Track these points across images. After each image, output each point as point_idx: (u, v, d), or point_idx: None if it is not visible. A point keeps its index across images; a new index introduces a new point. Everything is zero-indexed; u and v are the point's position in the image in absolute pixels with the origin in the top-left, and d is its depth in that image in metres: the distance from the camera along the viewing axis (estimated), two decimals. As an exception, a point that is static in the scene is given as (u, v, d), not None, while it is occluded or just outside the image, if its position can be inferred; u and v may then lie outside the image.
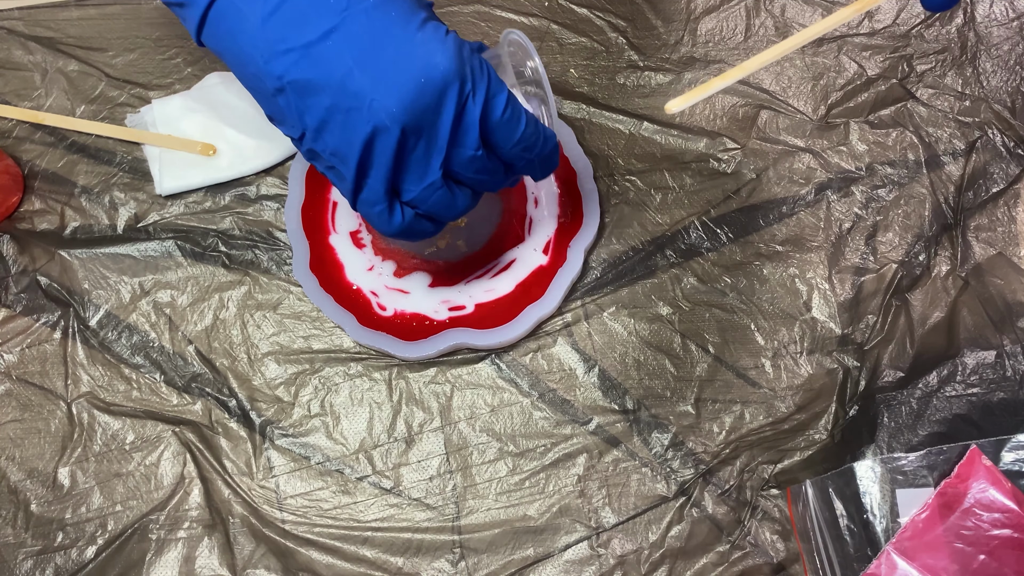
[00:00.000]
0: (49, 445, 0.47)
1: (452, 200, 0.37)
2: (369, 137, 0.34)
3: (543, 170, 0.41)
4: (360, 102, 0.33)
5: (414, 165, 0.35)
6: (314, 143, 0.35)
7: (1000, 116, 0.54)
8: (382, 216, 0.37)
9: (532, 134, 0.38)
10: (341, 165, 0.35)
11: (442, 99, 0.34)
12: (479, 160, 0.36)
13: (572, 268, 0.49)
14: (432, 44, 0.34)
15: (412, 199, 0.37)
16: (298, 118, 0.35)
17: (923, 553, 0.38)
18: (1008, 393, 0.47)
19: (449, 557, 0.45)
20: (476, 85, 0.35)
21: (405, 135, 0.34)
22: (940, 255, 0.51)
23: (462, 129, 0.35)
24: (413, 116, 0.34)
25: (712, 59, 0.56)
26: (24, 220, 0.52)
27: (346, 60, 0.33)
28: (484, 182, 0.38)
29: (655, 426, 0.48)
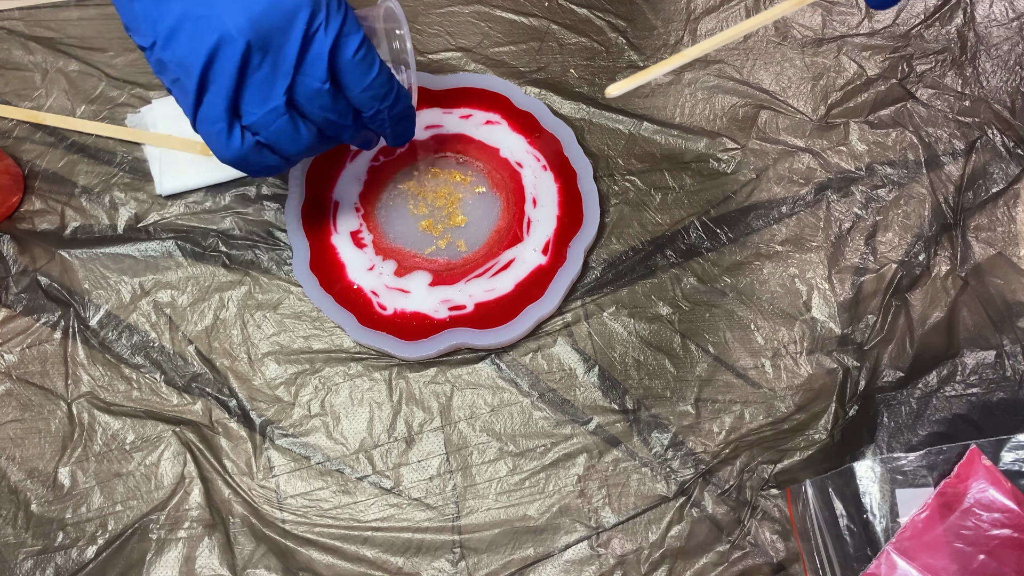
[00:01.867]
0: (49, 445, 0.47)
1: (295, 132, 0.37)
2: (214, 47, 0.34)
3: (395, 133, 0.41)
4: (210, 11, 0.34)
5: (257, 85, 0.36)
6: (163, 52, 0.35)
7: (1000, 116, 0.54)
8: (220, 136, 0.37)
9: (383, 84, 0.38)
10: (185, 76, 0.35)
11: (291, 21, 0.34)
12: (325, 95, 0.37)
13: (572, 268, 0.49)
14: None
15: (253, 123, 0.37)
16: (151, 25, 0.35)
17: (923, 553, 0.38)
18: (1008, 393, 0.47)
19: (449, 557, 0.45)
20: (330, 18, 0.35)
21: (250, 50, 0.34)
22: (940, 255, 0.51)
23: (309, 58, 0.35)
24: (260, 32, 0.34)
25: (712, 59, 0.56)
26: (24, 220, 0.52)
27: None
28: (331, 123, 0.38)
29: (655, 426, 0.48)
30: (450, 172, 0.52)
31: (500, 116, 0.53)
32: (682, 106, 0.55)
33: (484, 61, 0.56)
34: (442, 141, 0.53)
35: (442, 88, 0.54)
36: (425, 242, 0.50)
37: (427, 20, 0.57)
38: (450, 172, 0.52)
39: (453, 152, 0.53)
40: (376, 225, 0.51)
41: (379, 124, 0.41)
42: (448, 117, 0.53)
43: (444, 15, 0.57)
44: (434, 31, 0.57)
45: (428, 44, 0.57)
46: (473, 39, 0.57)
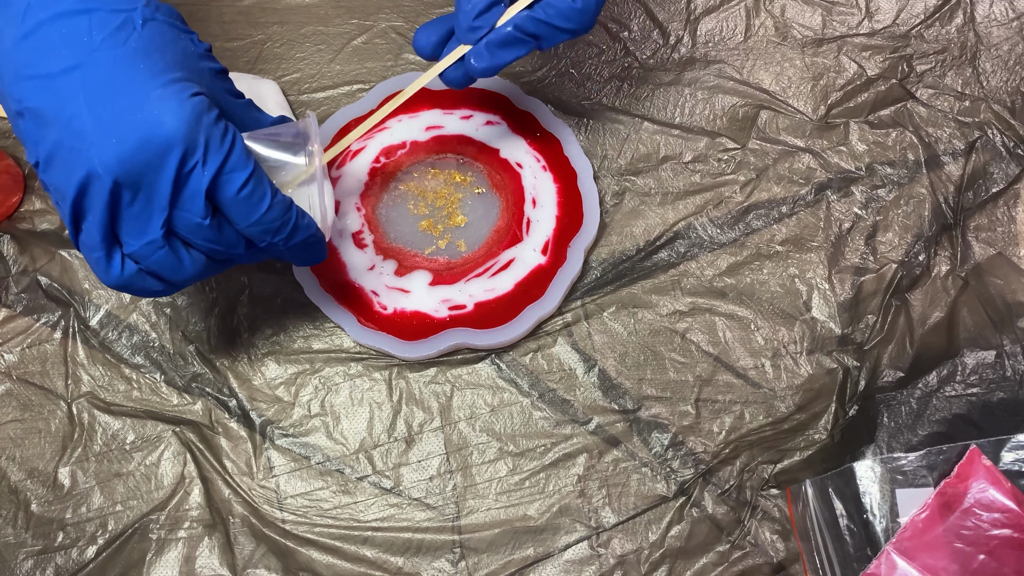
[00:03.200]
0: (49, 445, 0.47)
1: (178, 261, 0.37)
2: (83, 181, 0.33)
3: (297, 258, 0.40)
4: (81, 144, 0.33)
5: (132, 220, 0.35)
6: (44, 174, 0.35)
7: (1000, 116, 0.54)
8: (99, 264, 0.36)
9: (276, 219, 0.37)
10: (62, 202, 0.35)
11: (163, 159, 0.33)
12: (207, 229, 0.36)
13: (572, 268, 0.49)
14: (167, 104, 0.33)
15: (132, 253, 0.36)
16: (34, 146, 0.34)
17: (923, 553, 0.38)
18: (1008, 393, 0.47)
19: (449, 557, 0.45)
20: (208, 154, 0.34)
21: (119, 187, 0.34)
22: (940, 255, 0.51)
23: (185, 195, 0.35)
24: (128, 170, 0.33)
25: (712, 59, 0.56)
26: (25, 220, 0.52)
27: (79, 99, 0.33)
28: (218, 251, 0.37)
29: (655, 426, 0.48)
30: (450, 173, 0.52)
31: (500, 117, 0.53)
32: (682, 106, 0.55)
33: (484, 61, 0.56)
34: (443, 142, 0.53)
35: (442, 88, 0.54)
36: (425, 242, 0.50)
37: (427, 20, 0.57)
38: (450, 173, 0.52)
39: (453, 153, 0.53)
40: (377, 225, 0.51)
41: (276, 253, 0.40)
42: (448, 118, 0.53)
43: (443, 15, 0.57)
44: (434, 31, 0.57)
45: (428, 44, 0.57)
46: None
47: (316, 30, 0.57)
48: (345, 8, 0.58)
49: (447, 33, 0.44)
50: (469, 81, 0.43)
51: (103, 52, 0.34)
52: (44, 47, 0.34)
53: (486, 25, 0.41)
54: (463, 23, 0.41)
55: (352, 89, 0.56)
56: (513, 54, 0.42)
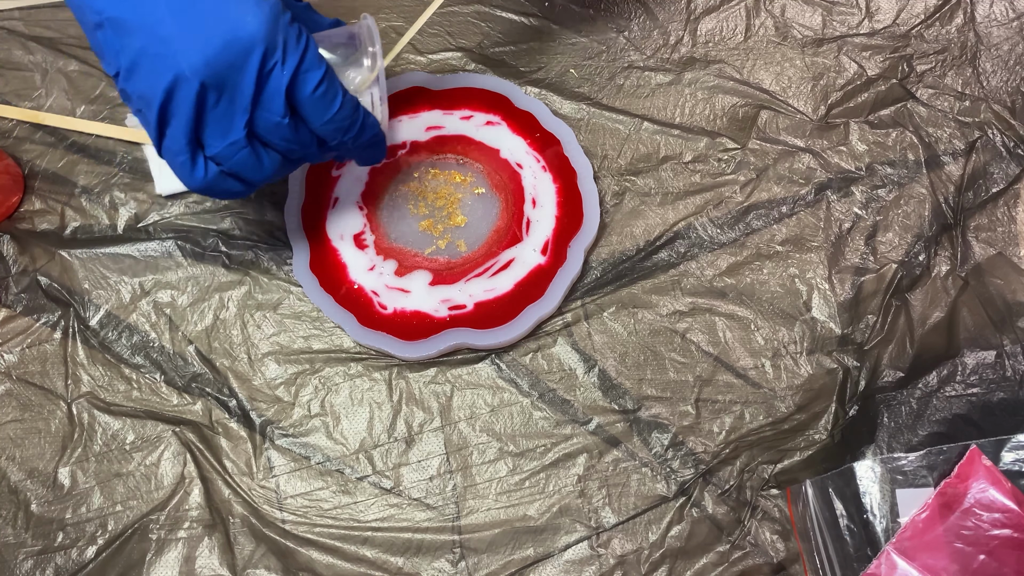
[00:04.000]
0: (49, 445, 0.47)
1: (258, 161, 0.38)
2: (170, 85, 0.34)
3: (362, 157, 0.42)
4: (166, 49, 0.34)
5: (216, 121, 0.36)
6: (126, 83, 0.36)
7: (1000, 116, 0.54)
8: (184, 167, 0.37)
9: (347, 116, 0.38)
10: (146, 109, 0.36)
11: (246, 59, 0.34)
12: (285, 128, 0.37)
13: (572, 268, 0.49)
14: (246, 4, 0.34)
15: (215, 155, 0.37)
16: (114, 56, 0.35)
17: (923, 553, 0.38)
18: (1008, 393, 0.47)
19: (449, 557, 0.45)
20: (287, 55, 0.35)
21: (205, 89, 0.34)
22: (940, 255, 0.51)
23: (266, 94, 0.36)
24: (214, 71, 0.34)
25: (712, 59, 0.56)
26: (24, 220, 0.52)
27: (160, 6, 0.34)
28: (294, 150, 0.39)
29: (655, 426, 0.48)
30: (450, 173, 0.52)
31: (500, 117, 0.53)
32: (682, 106, 0.55)
33: (484, 61, 0.56)
34: (443, 142, 0.53)
35: (442, 88, 0.54)
36: (425, 242, 0.50)
37: (427, 20, 0.57)
38: (450, 173, 0.52)
39: (454, 153, 0.53)
40: (378, 225, 0.51)
41: (344, 152, 0.41)
42: (449, 118, 0.53)
43: (444, 15, 0.57)
44: (434, 31, 0.57)
45: (428, 44, 0.57)
46: (473, 39, 0.57)
47: (316, 30, 0.57)
48: (345, 8, 0.58)
49: None
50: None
51: None
52: None
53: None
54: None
55: (352, 89, 0.56)
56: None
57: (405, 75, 0.55)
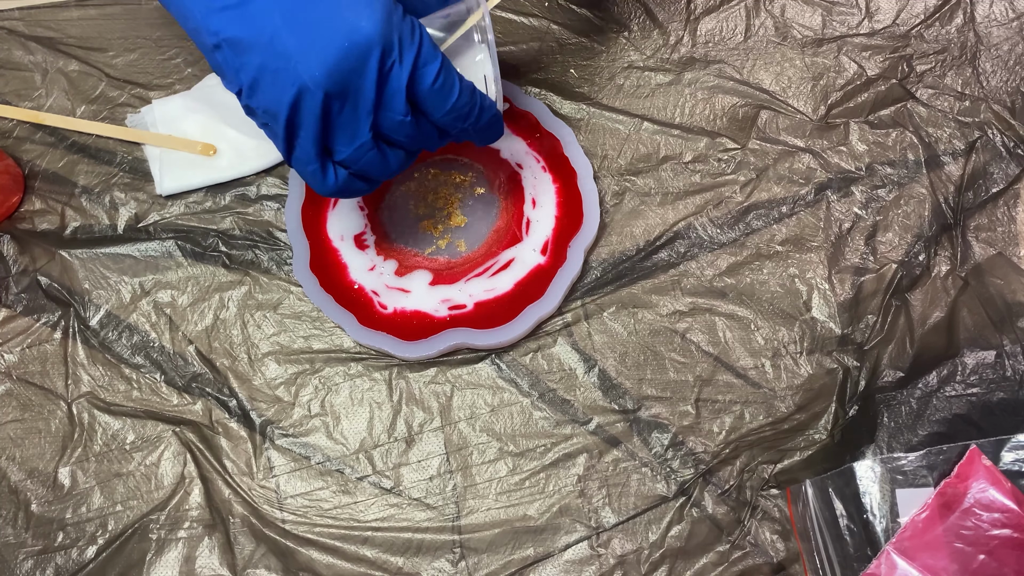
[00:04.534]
0: (49, 445, 0.47)
1: (384, 160, 0.38)
2: (295, 98, 0.35)
3: (481, 139, 0.42)
4: (286, 63, 0.34)
5: (343, 127, 0.36)
6: (249, 99, 0.36)
7: (1000, 116, 0.54)
8: (315, 176, 0.38)
9: (466, 104, 0.38)
10: (273, 123, 0.36)
11: (365, 63, 0.34)
12: (408, 125, 0.37)
13: (572, 268, 0.49)
14: (359, 7, 0.34)
15: (344, 159, 0.37)
16: (235, 74, 0.35)
17: (923, 553, 0.38)
18: (1008, 393, 0.47)
19: (449, 557, 0.45)
20: (404, 51, 0.35)
21: (329, 98, 0.35)
22: (940, 255, 0.51)
23: (387, 94, 0.36)
24: (336, 80, 0.34)
25: (712, 59, 0.56)
26: (24, 220, 0.52)
27: (275, 20, 0.34)
28: (416, 144, 0.39)
29: (655, 426, 0.48)
30: (450, 173, 0.52)
31: (500, 116, 0.53)
32: (682, 106, 0.55)
33: (484, 61, 0.56)
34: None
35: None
36: (425, 242, 0.51)
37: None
38: (450, 173, 0.52)
39: (454, 154, 0.53)
40: (379, 225, 0.51)
41: (463, 136, 0.41)
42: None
43: (444, 15, 0.57)
44: (434, 31, 0.57)
45: (428, 44, 0.57)
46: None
47: (316, 30, 0.57)
48: None
49: None
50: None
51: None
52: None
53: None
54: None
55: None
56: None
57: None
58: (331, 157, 0.38)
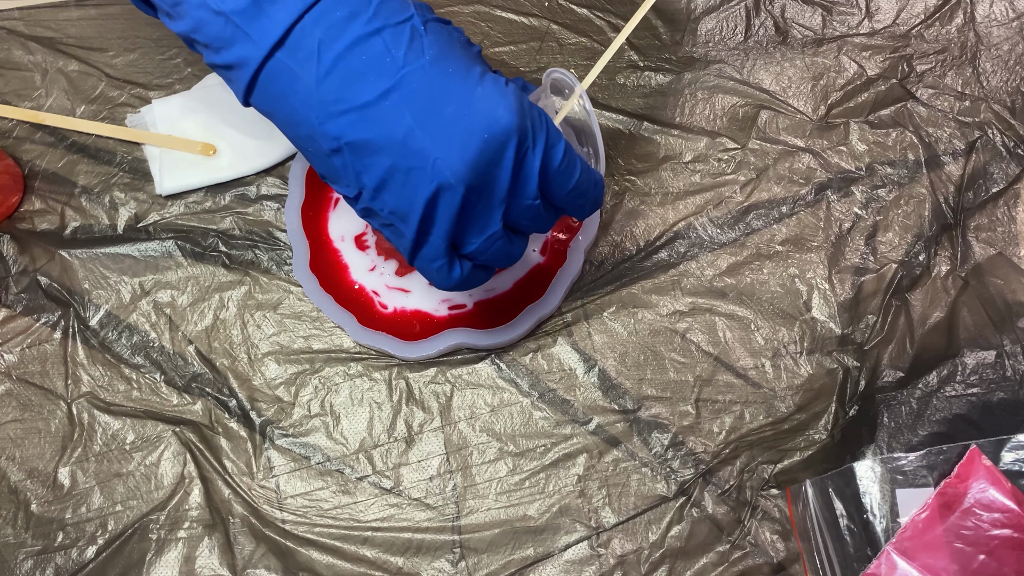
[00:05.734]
0: (49, 445, 0.47)
1: (510, 247, 0.37)
2: (433, 195, 0.33)
3: (590, 211, 0.41)
4: (423, 161, 0.33)
5: (476, 219, 0.35)
6: (372, 202, 0.35)
7: (1000, 116, 0.54)
8: (442, 271, 0.36)
9: (585, 180, 0.38)
10: (401, 223, 0.35)
11: (503, 153, 0.33)
12: (535, 208, 0.36)
13: (572, 268, 0.49)
14: (494, 99, 0.33)
15: (472, 251, 0.36)
16: (355, 178, 0.34)
17: (923, 553, 0.38)
18: (1008, 393, 0.47)
19: (449, 557, 0.45)
20: (536, 136, 0.34)
21: (469, 192, 0.33)
22: (940, 255, 0.51)
23: (521, 180, 0.35)
24: (477, 173, 0.33)
25: (712, 59, 0.56)
26: (24, 220, 0.52)
27: (406, 119, 0.33)
28: (538, 227, 0.38)
29: (655, 426, 0.48)
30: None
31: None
32: (682, 106, 0.55)
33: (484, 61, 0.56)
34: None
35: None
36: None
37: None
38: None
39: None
40: (376, 225, 0.51)
41: (576, 212, 0.40)
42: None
43: (444, 15, 0.57)
44: (434, 31, 0.57)
45: (428, 44, 0.57)
46: (473, 39, 0.57)
47: (316, 30, 0.57)
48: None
49: None
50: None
51: (410, 67, 0.33)
52: (351, 78, 0.33)
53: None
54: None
55: (352, 89, 0.56)
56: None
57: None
58: (459, 251, 0.36)
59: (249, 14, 0.33)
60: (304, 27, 0.33)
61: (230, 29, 0.33)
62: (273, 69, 0.33)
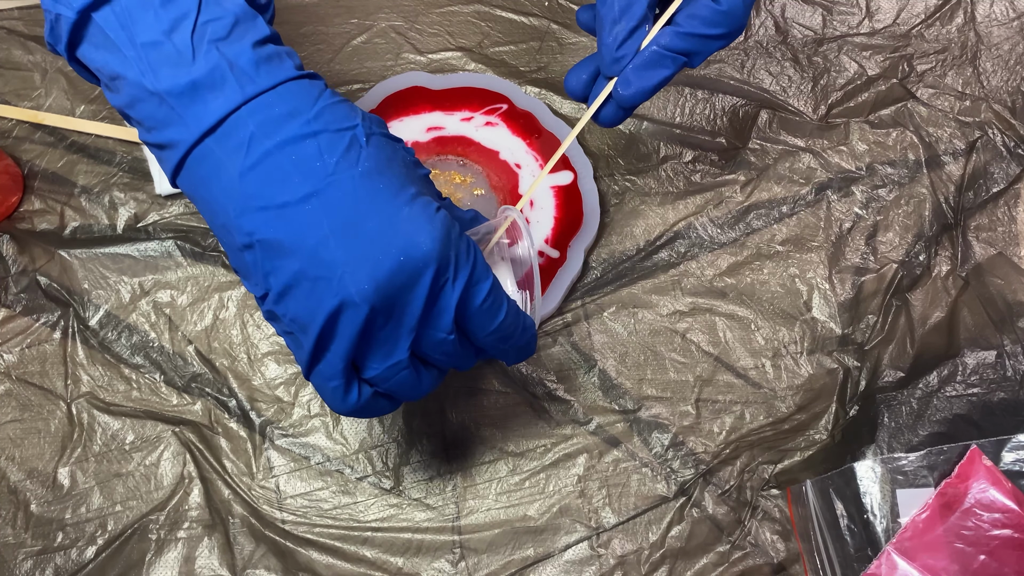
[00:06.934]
0: (49, 445, 0.47)
1: (417, 380, 0.35)
2: (335, 310, 0.32)
3: (516, 358, 0.39)
4: (330, 272, 0.31)
5: (380, 343, 0.33)
6: (275, 305, 0.33)
7: (1000, 116, 0.54)
8: (336, 392, 0.34)
9: (510, 325, 0.36)
10: (300, 333, 0.33)
11: (418, 279, 0.32)
12: (450, 343, 0.35)
13: (572, 268, 0.49)
14: (418, 222, 0.32)
15: (373, 377, 0.34)
16: (263, 278, 0.33)
17: (923, 553, 0.38)
18: (1008, 393, 0.47)
19: (449, 557, 0.45)
20: (459, 270, 0.33)
21: (374, 313, 0.32)
22: (940, 255, 0.51)
23: (435, 312, 0.33)
24: (384, 295, 0.32)
25: (712, 59, 0.56)
26: (24, 220, 0.52)
27: (323, 227, 0.31)
28: (453, 364, 0.37)
29: (655, 426, 0.48)
30: (450, 173, 0.52)
31: (500, 118, 0.53)
32: (682, 106, 0.55)
33: (484, 61, 0.56)
34: (444, 143, 0.53)
35: (442, 88, 0.54)
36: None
37: (427, 20, 0.57)
38: (450, 173, 0.52)
39: (454, 154, 0.53)
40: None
41: (500, 356, 0.39)
42: (450, 119, 0.53)
43: (444, 15, 0.57)
44: (434, 31, 0.57)
45: (428, 44, 0.57)
46: (473, 39, 0.57)
47: (316, 30, 0.57)
48: (345, 8, 0.58)
49: (595, 71, 0.41)
50: (623, 115, 0.41)
51: (339, 175, 0.32)
52: (275, 176, 0.32)
53: (629, 52, 0.39)
54: (606, 56, 0.39)
55: (352, 89, 0.56)
56: (660, 75, 0.39)
57: (405, 75, 0.55)
58: (359, 374, 0.34)
59: (186, 98, 0.32)
60: (239, 117, 0.32)
61: (164, 110, 0.33)
62: (201, 154, 0.33)
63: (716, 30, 0.38)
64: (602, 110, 0.41)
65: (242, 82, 0.32)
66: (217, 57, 0.32)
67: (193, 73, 0.32)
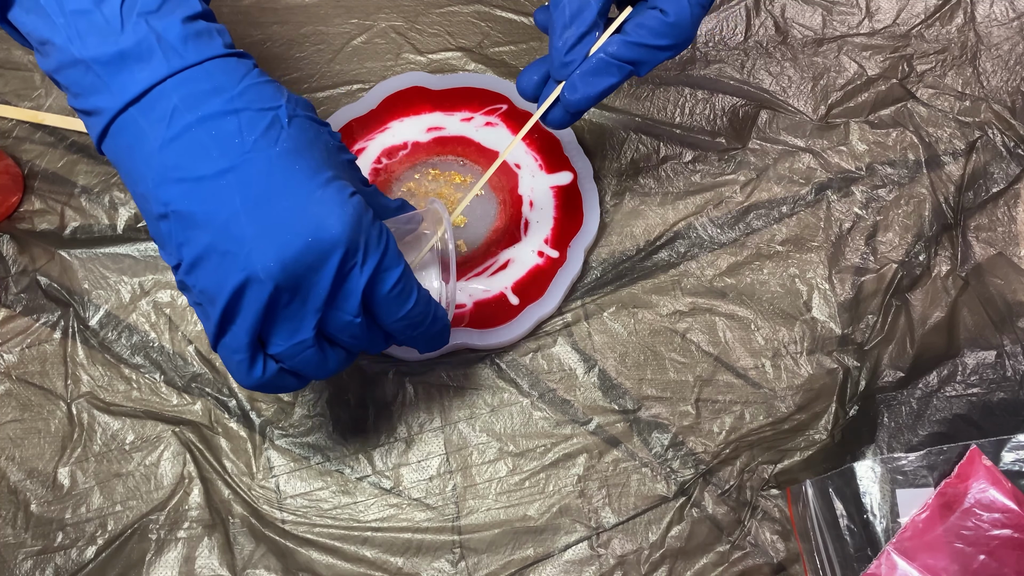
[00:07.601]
0: (49, 445, 0.47)
1: (323, 360, 0.36)
2: (240, 285, 0.32)
3: (426, 347, 0.40)
4: (239, 247, 0.32)
5: (285, 320, 0.34)
6: (186, 276, 0.34)
7: (1000, 116, 0.54)
8: (241, 366, 0.34)
9: (420, 313, 0.37)
10: (208, 305, 0.33)
11: (325, 262, 0.33)
12: (356, 327, 0.35)
13: (572, 268, 0.49)
14: (330, 206, 0.33)
15: (278, 353, 0.35)
16: (176, 248, 0.33)
17: (923, 553, 0.38)
18: (1008, 393, 0.47)
19: (449, 557, 0.45)
20: (368, 255, 0.34)
21: (279, 290, 0.33)
22: (940, 255, 0.51)
23: (342, 295, 0.34)
24: (290, 274, 0.32)
25: (712, 59, 0.56)
26: (24, 220, 0.52)
27: (234, 202, 0.32)
28: (361, 347, 0.37)
29: (655, 426, 0.48)
30: (450, 173, 0.52)
31: (500, 118, 0.53)
32: (682, 106, 0.55)
33: (484, 61, 0.56)
34: (444, 143, 0.53)
35: (442, 88, 0.54)
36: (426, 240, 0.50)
37: (427, 20, 0.57)
38: (450, 173, 0.52)
39: (454, 155, 0.53)
40: (376, 225, 0.51)
41: (410, 343, 0.39)
42: (450, 119, 0.53)
43: (444, 15, 0.57)
44: (434, 31, 0.57)
45: (428, 44, 0.57)
46: (473, 39, 0.57)
47: (316, 30, 0.57)
48: (344, 8, 0.58)
49: (547, 72, 0.42)
50: (570, 119, 0.42)
51: (257, 153, 0.33)
52: (194, 149, 0.32)
53: (578, 58, 0.40)
54: (556, 60, 0.40)
55: (352, 89, 0.56)
56: (606, 82, 0.40)
57: (405, 75, 0.55)
58: (264, 349, 0.35)
59: (112, 67, 0.33)
60: (163, 90, 0.33)
61: (90, 77, 0.33)
62: (124, 123, 0.33)
63: (663, 41, 0.40)
64: (550, 112, 0.42)
65: (168, 56, 0.33)
66: (145, 29, 0.33)
67: (120, 43, 0.33)
